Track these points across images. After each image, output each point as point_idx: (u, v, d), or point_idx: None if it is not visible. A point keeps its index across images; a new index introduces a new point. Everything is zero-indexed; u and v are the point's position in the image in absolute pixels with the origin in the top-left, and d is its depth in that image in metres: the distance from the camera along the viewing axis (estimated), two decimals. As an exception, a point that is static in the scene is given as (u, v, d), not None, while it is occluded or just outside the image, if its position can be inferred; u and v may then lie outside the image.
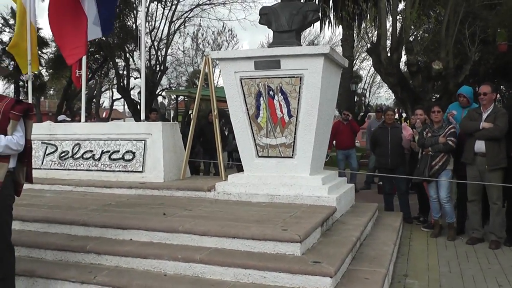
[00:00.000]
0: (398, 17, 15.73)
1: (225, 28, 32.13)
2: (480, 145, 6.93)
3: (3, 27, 26.78)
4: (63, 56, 9.53)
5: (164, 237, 5.28)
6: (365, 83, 38.56)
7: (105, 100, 46.11)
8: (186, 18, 22.19)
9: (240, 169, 8.83)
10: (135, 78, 28.33)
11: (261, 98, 6.93)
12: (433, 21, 14.53)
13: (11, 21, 26.32)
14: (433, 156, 7.37)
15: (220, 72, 8.68)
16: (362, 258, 5.51)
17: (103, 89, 39.15)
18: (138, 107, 24.18)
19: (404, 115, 20.23)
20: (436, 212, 7.63)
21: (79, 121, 10.03)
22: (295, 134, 6.88)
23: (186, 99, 32.27)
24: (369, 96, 39.94)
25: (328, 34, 47.59)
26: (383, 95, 43.02)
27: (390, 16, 17.25)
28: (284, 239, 4.89)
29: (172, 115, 34.49)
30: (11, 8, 25.03)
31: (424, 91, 15.24)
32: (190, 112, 31.21)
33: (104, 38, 19.38)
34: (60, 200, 7.03)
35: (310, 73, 6.67)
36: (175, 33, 22.00)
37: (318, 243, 5.35)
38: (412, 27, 14.76)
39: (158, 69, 21.67)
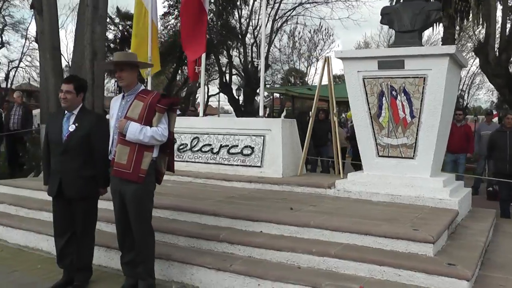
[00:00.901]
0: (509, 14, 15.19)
1: (321, 26, 32.23)
2: None
3: (108, 25, 28.09)
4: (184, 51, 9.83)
5: (295, 231, 5.46)
6: (463, 85, 37.38)
7: (198, 96, 47.32)
8: (289, 17, 22.44)
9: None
10: (233, 75, 29.04)
11: (384, 98, 6.96)
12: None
13: (116, 20, 27.64)
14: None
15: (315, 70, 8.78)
16: (490, 264, 5.40)
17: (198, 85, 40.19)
18: (240, 102, 24.87)
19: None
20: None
21: (194, 115, 10.41)
22: (417, 135, 6.86)
23: (281, 96, 32.69)
24: (467, 98, 38.67)
25: (426, 32, 46.34)
26: (482, 97, 41.54)
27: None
28: (417, 239, 4.92)
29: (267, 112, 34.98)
30: (117, 7, 26.19)
31: (535, 93, 14.69)
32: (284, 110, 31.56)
33: (207, 35, 20.01)
34: (182, 190, 7.39)
35: (434, 74, 6.62)
36: (277, 31, 22.32)
37: (446, 245, 5.33)
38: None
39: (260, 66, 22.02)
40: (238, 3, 20.73)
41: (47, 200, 7.17)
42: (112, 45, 27.01)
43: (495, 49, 14.57)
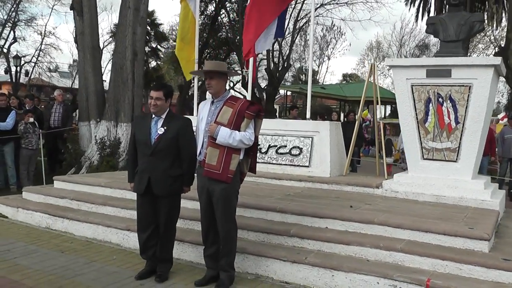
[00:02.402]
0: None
1: (333, 25, 32.61)
2: None
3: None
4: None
5: (359, 227, 6.01)
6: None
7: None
8: (310, 17, 22.89)
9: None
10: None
11: (430, 104, 7.49)
12: None
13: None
14: None
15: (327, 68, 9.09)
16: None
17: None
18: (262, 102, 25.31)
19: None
20: None
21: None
22: (460, 139, 7.39)
23: (294, 94, 33.15)
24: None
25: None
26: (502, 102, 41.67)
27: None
28: (474, 236, 5.46)
29: (278, 110, 35.52)
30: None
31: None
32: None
33: (231, 35, 20.51)
34: (238, 188, 7.89)
35: (480, 83, 7.15)
36: (299, 31, 22.81)
37: (495, 243, 5.85)
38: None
39: (281, 66, 22.54)
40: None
41: (110, 196, 7.84)
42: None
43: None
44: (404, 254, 5.41)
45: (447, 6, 8.10)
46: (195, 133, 5.53)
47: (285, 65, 22.73)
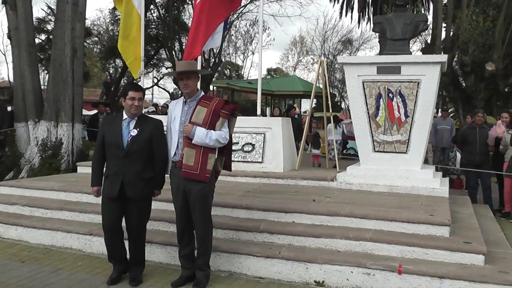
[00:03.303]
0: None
1: (257, 19, 32.85)
2: None
3: (48, 16, 27.62)
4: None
5: (325, 220, 6.20)
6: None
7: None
8: (240, 13, 23.10)
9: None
10: (166, 68, 29.28)
11: (381, 100, 7.83)
12: (488, 23, 15.33)
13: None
14: (526, 154, 8.26)
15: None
16: (487, 242, 6.36)
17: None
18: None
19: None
20: (525, 204, 8.54)
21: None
22: (410, 132, 7.78)
23: (219, 89, 33.26)
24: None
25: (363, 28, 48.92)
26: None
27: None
28: (435, 222, 5.81)
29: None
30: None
31: (477, 91, 16.08)
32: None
33: (161, 31, 20.35)
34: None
35: (428, 79, 7.56)
36: (230, 27, 22.89)
37: (452, 227, 6.22)
38: (469, 27, 15.54)
39: (213, 61, 22.56)
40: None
41: (65, 200, 7.63)
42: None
43: (441, 49, 15.84)
44: (373, 243, 5.67)
45: (393, 6, 8.48)
46: (165, 133, 5.53)
47: (216, 61, 22.84)
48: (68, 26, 11.94)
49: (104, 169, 5.43)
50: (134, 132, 5.28)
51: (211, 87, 29.07)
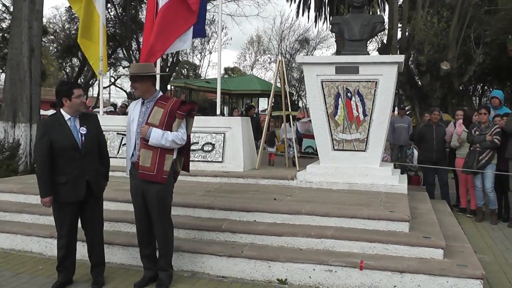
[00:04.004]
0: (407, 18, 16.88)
1: (214, 19, 32.76)
2: (523, 143, 8.05)
3: (3, 14, 27.03)
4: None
5: (287, 218, 6.24)
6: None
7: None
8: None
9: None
10: (123, 68, 28.99)
11: (340, 99, 7.92)
12: (442, 23, 15.69)
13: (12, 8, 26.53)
14: (480, 152, 8.48)
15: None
16: (445, 236, 6.52)
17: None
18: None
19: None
20: (480, 200, 8.79)
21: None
22: (368, 131, 7.90)
23: (177, 89, 33.05)
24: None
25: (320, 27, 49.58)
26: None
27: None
28: (395, 218, 5.92)
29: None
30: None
31: (432, 89, 16.44)
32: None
33: (118, 30, 20.09)
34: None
35: (385, 79, 7.70)
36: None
37: (411, 223, 6.33)
38: (424, 27, 15.87)
39: (171, 61, 22.42)
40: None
41: (24, 203, 7.44)
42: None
43: (397, 49, 16.14)
44: (335, 240, 5.73)
45: (350, 7, 8.60)
46: (126, 134, 5.46)
47: (174, 60, 22.71)
48: (25, 25, 11.69)
49: (58, 176, 5.11)
50: (83, 130, 5.16)
51: (169, 87, 28.90)
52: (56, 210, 5.24)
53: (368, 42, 8.75)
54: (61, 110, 5.18)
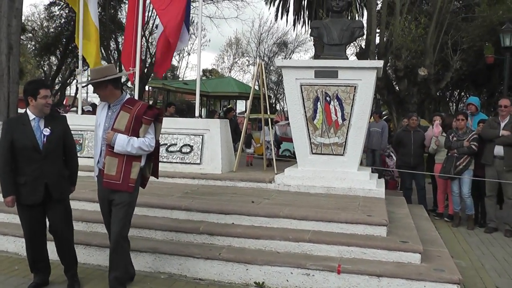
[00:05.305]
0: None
1: (193, 21, 32.63)
2: (499, 150, 8.13)
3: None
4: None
5: (265, 221, 6.22)
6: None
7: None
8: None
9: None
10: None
11: (319, 103, 7.94)
12: (420, 30, 15.85)
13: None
14: (458, 157, 8.55)
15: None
16: (422, 241, 6.55)
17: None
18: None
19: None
20: (457, 205, 8.86)
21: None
22: (346, 135, 7.93)
23: (154, 90, 32.86)
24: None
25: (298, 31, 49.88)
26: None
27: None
28: (373, 222, 5.94)
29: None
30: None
31: (410, 95, 16.58)
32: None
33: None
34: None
35: (364, 83, 7.74)
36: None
37: (388, 227, 6.37)
38: (402, 33, 16.02)
39: (149, 62, 22.29)
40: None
41: (1, 202, 7.24)
42: None
43: (375, 54, 16.28)
44: (312, 244, 5.73)
45: (330, 12, 8.62)
46: (93, 139, 5.27)
47: (152, 61, 22.57)
48: (4, 22, 11.54)
49: (18, 177, 4.99)
50: (47, 132, 4.98)
51: (146, 87, 28.71)
52: (19, 211, 5.15)
53: (347, 47, 8.75)
54: (27, 109, 5.04)
